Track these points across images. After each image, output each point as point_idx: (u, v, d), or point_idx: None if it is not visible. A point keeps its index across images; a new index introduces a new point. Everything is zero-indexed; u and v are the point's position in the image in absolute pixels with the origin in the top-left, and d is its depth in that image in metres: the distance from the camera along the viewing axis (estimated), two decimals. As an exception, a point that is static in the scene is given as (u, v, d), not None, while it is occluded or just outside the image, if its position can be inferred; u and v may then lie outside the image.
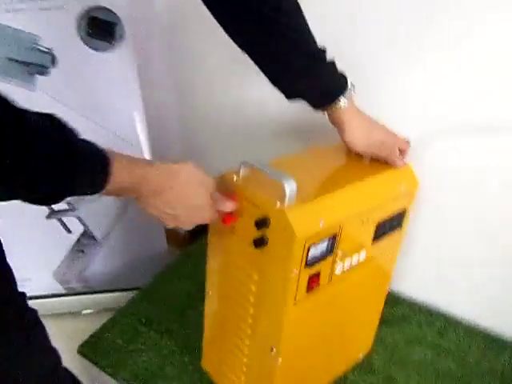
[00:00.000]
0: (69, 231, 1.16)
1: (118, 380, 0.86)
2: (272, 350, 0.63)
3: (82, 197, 1.10)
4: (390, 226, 0.70)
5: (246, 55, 0.68)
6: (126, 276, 1.24)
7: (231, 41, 0.67)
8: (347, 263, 0.65)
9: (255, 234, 0.56)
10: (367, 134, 0.71)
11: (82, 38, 1.01)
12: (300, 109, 1.01)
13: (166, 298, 1.06)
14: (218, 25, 0.66)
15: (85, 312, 1.27)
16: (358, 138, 0.70)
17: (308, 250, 0.54)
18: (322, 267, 0.60)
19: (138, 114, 1.15)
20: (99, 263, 1.22)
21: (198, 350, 0.90)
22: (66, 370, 0.77)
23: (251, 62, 0.69)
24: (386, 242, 0.72)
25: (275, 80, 0.69)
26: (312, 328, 0.68)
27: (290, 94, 0.70)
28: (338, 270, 0.64)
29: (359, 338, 0.89)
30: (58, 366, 0.73)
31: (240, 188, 0.58)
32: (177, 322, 0.99)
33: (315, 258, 0.57)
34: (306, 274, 0.57)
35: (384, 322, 0.98)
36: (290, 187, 0.52)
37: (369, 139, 0.71)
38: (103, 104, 1.17)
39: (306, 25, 0.66)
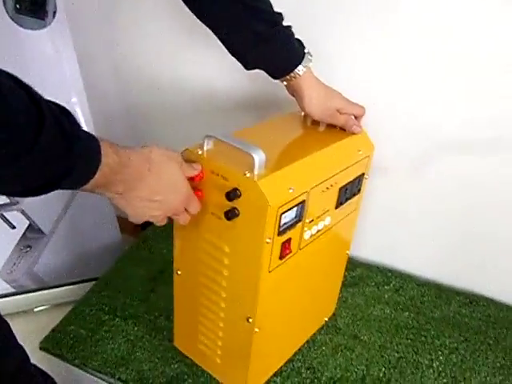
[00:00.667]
0: (12, 227, 1.09)
1: (87, 371, 0.84)
2: (248, 320, 0.64)
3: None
4: (350, 191, 0.73)
5: (204, 28, 0.67)
6: (80, 268, 1.19)
7: (175, 14, 0.65)
8: (314, 229, 0.66)
9: (225, 206, 0.56)
10: (325, 102, 0.72)
11: (9, 16, 0.93)
12: (248, 83, 1.01)
13: (126, 284, 1.04)
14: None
15: (37, 309, 1.21)
16: (317, 105, 0.71)
17: (280, 218, 0.55)
18: (293, 234, 0.61)
19: (79, 96, 1.09)
20: (49, 257, 1.16)
21: (166, 331, 0.90)
22: (35, 366, 0.74)
23: (197, 36, 0.67)
24: (347, 207, 0.75)
25: (234, 50, 0.68)
26: (285, 294, 0.69)
27: (249, 64, 0.69)
28: (306, 236, 0.65)
29: (325, 301, 0.93)
30: (26, 363, 0.70)
31: (206, 161, 0.57)
32: (140, 307, 0.97)
33: (286, 226, 0.58)
34: (279, 241, 0.58)
35: (344, 285, 1.03)
36: (258, 157, 0.52)
37: (327, 107, 0.72)
38: (39, 88, 1.09)
39: None
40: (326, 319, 0.95)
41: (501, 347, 0.92)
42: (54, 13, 0.98)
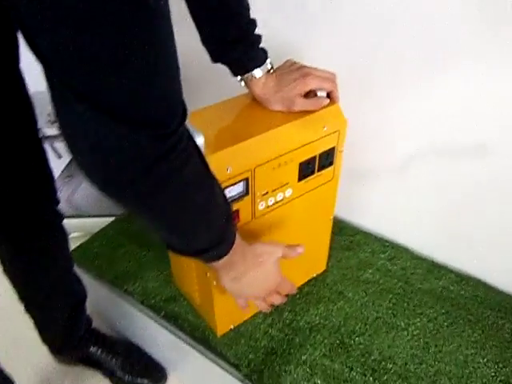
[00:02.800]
0: (59, 156, 1.24)
1: (100, 282, 0.99)
2: (206, 274, 0.75)
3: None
4: (319, 164, 0.78)
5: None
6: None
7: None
8: (271, 201, 0.75)
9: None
10: (279, 94, 0.73)
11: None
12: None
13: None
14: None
15: (73, 235, 1.35)
16: (273, 101, 0.74)
17: None
18: (241, 206, 0.70)
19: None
20: (87, 189, 1.31)
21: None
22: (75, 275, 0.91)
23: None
24: (317, 179, 0.81)
25: (206, 42, 0.73)
26: None
27: (215, 59, 0.74)
28: (261, 207, 0.74)
29: (311, 260, 0.99)
30: (71, 270, 0.87)
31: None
32: (154, 236, 1.10)
33: (230, 199, 0.67)
34: None
35: (342, 248, 1.11)
36: (197, 141, 0.59)
37: (282, 98, 0.73)
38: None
39: None
40: (315, 275, 1.03)
41: (481, 325, 0.95)
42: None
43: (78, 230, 1.37)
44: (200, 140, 0.61)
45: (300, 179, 0.77)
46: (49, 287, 0.84)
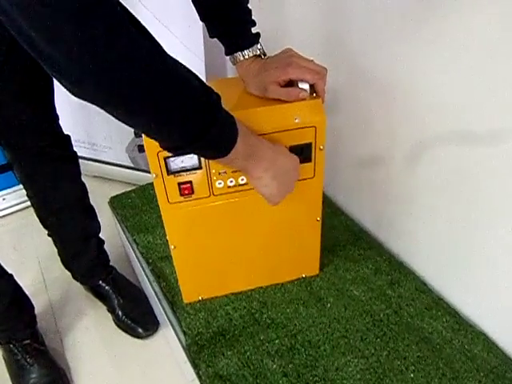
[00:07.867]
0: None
1: (122, 227, 1.18)
2: (166, 236, 0.83)
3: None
4: None
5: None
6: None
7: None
8: (231, 181, 0.76)
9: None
10: (258, 78, 0.74)
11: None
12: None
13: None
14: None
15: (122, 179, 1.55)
16: (251, 83, 0.75)
17: (165, 161, 0.69)
18: (195, 178, 0.73)
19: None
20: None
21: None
22: (90, 204, 1.08)
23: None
24: None
25: (205, 20, 0.76)
26: (208, 229, 0.83)
27: (211, 35, 0.77)
28: (219, 185, 0.76)
29: (297, 260, 0.99)
30: (84, 199, 1.04)
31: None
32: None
33: (179, 169, 0.71)
34: (173, 180, 0.72)
35: (348, 258, 1.07)
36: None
37: (259, 82, 0.74)
38: (176, 11, 1.31)
39: None
40: (304, 275, 1.03)
41: (453, 385, 0.84)
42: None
43: (128, 179, 1.55)
44: None
45: None
46: (60, 207, 0.98)
